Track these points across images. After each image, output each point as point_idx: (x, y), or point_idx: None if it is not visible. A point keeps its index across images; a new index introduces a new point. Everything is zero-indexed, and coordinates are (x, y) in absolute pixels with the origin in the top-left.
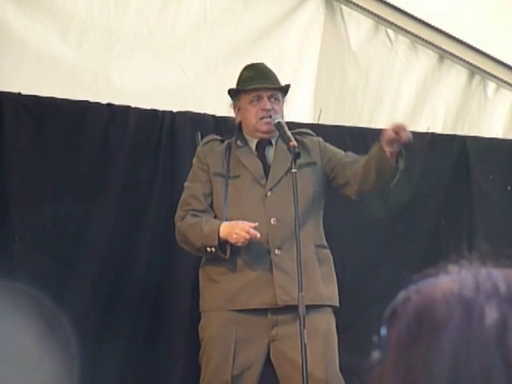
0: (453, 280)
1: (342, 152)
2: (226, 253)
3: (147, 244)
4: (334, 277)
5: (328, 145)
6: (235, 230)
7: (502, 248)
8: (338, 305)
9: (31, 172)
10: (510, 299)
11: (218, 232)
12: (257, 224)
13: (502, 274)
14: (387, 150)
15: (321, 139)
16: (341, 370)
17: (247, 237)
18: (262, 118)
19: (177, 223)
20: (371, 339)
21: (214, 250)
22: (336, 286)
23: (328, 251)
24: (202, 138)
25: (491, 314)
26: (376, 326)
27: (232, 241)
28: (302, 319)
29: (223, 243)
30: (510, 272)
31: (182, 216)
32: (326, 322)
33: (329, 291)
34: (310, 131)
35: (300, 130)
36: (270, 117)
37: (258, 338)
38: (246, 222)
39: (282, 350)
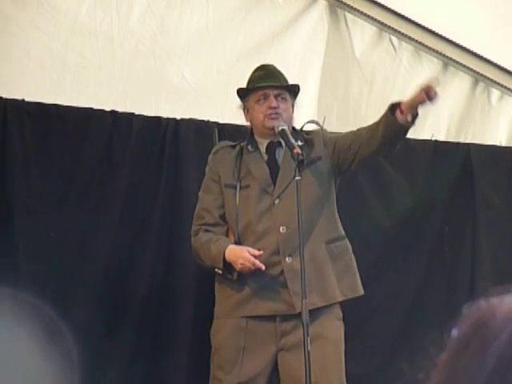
0: None
1: (343, 133)
2: (233, 275)
3: (150, 253)
4: (353, 267)
5: (330, 134)
6: (240, 260)
7: (505, 256)
8: (360, 293)
9: (35, 179)
10: None
11: (224, 255)
12: (261, 252)
13: None
14: (407, 110)
15: (325, 130)
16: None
17: (252, 268)
18: (269, 115)
19: (192, 239)
20: (375, 347)
21: (221, 271)
22: (355, 275)
23: (342, 242)
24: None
25: None
26: (380, 334)
27: (237, 269)
28: (305, 327)
29: (229, 265)
30: None
31: (196, 231)
32: (335, 329)
33: (344, 285)
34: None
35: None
36: (277, 114)
37: (266, 346)
38: (250, 250)
39: (289, 361)
